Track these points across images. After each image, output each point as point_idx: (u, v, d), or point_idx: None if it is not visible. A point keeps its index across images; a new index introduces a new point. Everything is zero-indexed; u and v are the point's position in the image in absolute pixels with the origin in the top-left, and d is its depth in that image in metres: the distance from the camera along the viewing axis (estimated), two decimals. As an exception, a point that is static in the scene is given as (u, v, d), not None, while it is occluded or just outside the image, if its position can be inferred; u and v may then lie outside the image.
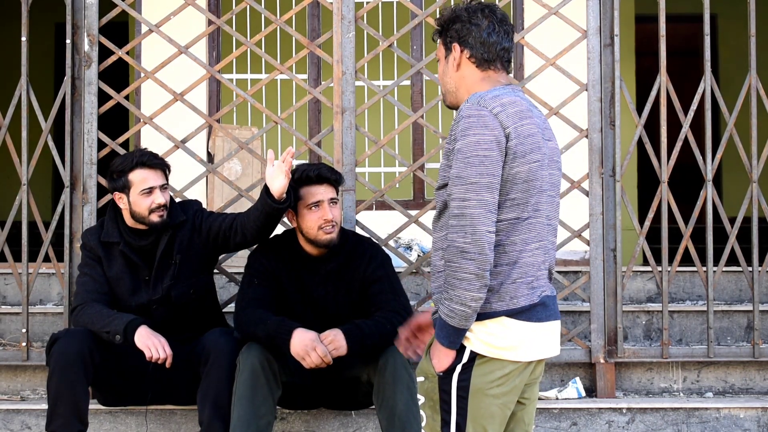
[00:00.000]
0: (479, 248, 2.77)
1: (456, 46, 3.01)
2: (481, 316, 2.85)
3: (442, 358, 2.88)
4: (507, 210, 2.85)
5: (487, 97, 2.88)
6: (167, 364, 4.01)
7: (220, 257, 4.63)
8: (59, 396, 3.95)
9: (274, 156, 4.03)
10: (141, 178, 4.15)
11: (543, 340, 2.93)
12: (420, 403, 2.96)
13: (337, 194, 4.22)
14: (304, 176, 4.14)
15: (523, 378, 2.93)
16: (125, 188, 4.17)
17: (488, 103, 2.86)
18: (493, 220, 2.80)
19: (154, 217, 4.16)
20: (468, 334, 2.87)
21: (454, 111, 3.15)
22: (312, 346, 3.89)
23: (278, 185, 3.99)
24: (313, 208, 4.11)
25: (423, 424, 2.95)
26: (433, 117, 7.46)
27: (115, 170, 4.19)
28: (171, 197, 4.30)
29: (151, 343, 3.99)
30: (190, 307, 4.24)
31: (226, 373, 3.97)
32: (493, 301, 2.85)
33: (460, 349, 2.87)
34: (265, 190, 4.04)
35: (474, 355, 2.87)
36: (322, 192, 4.13)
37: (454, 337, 2.85)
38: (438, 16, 3.14)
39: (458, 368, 2.87)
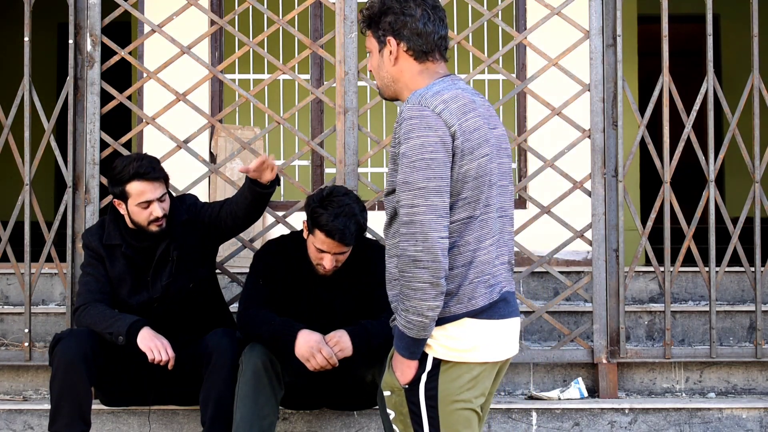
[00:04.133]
0: (432, 256, 2.63)
1: (391, 40, 2.85)
2: (441, 321, 2.72)
3: (405, 370, 2.74)
4: (459, 210, 2.72)
5: (428, 95, 2.73)
6: (169, 367, 4.00)
7: (221, 257, 4.64)
8: (62, 396, 3.95)
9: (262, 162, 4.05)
10: (138, 191, 4.10)
11: (507, 337, 2.81)
12: (391, 417, 2.81)
13: (348, 249, 4.03)
14: (324, 227, 3.91)
15: (491, 378, 2.81)
16: (123, 197, 4.14)
17: (430, 101, 2.71)
18: (444, 225, 2.66)
19: (153, 227, 4.14)
20: (429, 340, 2.72)
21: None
22: (317, 348, 3.87)
23: (267, 178, 4.09)
24: (318, 251, 4.00)
25: None
26: (436, 117, 7.43)
27: (112, 178, 4.15)
28: (170, 194, 4.28)
29: (153, 345, 3.98)
30: (191, 301, 4.23)
31: (228, 374, 3.96)
32: (451, 305, 2.72)
33: (423, 358, 2.73)
34: (251, 181, 4.08)
35: (438, 362, 2.73)
36: (333, 247, 3.96)
37: (414, 347, 2.71)
38: (365, 7, 2.92)
39: (423, 378, 2.74)
